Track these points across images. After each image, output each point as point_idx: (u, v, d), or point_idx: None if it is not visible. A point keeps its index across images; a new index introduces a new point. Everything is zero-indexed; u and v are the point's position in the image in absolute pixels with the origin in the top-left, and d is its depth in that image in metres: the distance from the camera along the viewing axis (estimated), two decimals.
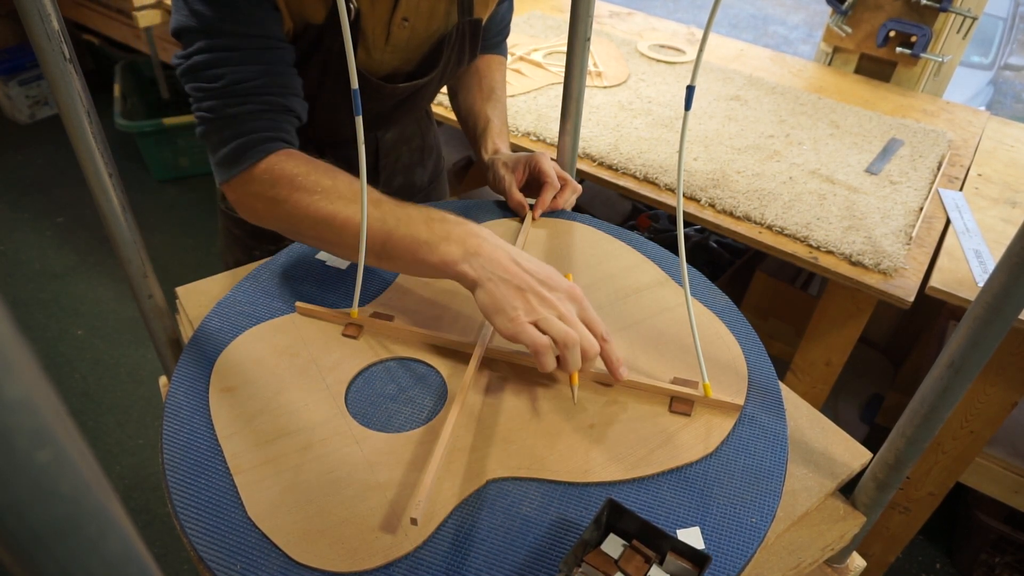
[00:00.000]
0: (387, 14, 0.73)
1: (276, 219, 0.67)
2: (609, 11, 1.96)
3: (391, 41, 0.76)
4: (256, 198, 0.67)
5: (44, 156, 2.78)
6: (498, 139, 0.92)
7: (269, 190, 0.65)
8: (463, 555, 0.50)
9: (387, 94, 0.82)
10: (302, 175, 0.65)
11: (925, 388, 0.52)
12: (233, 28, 0.64)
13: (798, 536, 0.59)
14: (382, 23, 0.74)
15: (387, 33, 0.75)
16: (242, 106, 0.65)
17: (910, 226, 1.13)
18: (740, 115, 1.43)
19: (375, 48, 0.76)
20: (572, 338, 0.55)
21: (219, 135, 0.66)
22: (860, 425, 1.66)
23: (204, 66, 0.64)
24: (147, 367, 1.91)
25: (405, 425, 0.59)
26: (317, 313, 0.69)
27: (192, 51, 0.65)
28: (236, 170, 0.66)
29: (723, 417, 0.61)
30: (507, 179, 0.84)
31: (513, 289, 0.57)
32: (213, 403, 0.60)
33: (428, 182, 1.09)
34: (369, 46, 0.76)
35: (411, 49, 0.79)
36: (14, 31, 2.89)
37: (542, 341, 0.55)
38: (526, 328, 0.55)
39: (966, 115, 1.52)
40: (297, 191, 0.64)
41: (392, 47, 0.77)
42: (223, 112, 0.65)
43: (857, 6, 1.58)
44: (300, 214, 0.65)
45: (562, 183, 0.86)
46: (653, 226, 1.81)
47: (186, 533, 0.50)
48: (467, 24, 0.81)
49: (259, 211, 0.68)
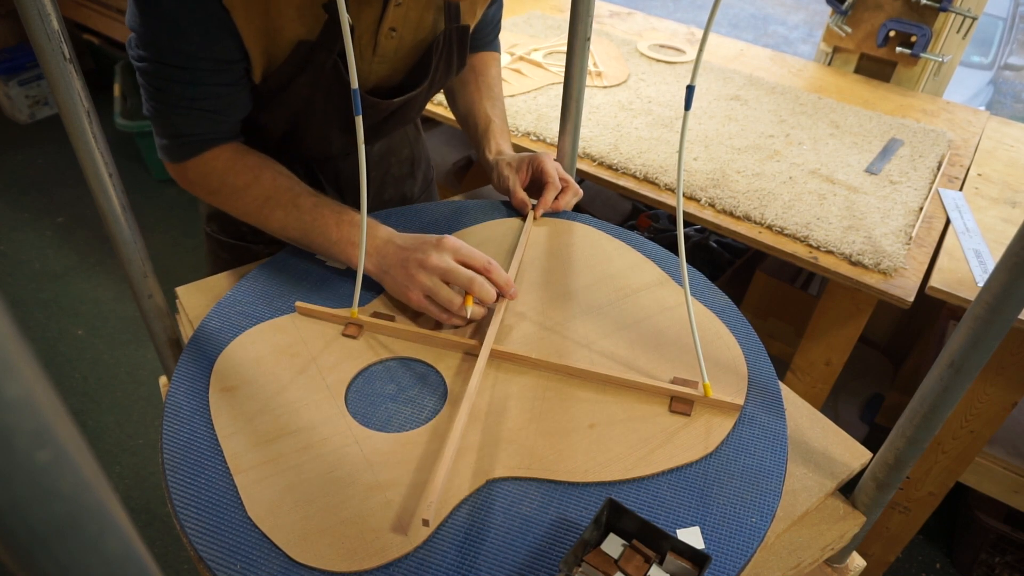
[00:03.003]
0: (374, 25, 0.72)
1: (216, 205, 0.76)
2: (609, 11, 1.96)
3: (378, 52, 0.75)
4: (193, 187, 0.75)
5: (44, 156, 2.78)
6: (500, 139, 0.92)
7: (203, 183, 0.73)
8: (463, 555, 0.50)
9: (378, 108, 0.81)
10: (230, 172, 0.72)
11: (925, 388, 0.52)
12: (178, 46, 0.64)
13: (798, 536, 0.59)
14: (369, 33, 0.73)
15: (374, 43, 0.74)
16: (179, 114, 0.69)
17: (910, 226, 1.13)
18: (740, 115, 1.43)
19: (362, 59, 0.75)
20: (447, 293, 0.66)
21: (160, 127, 0.71)
22: (860, 425, 1.66)
23: (147, 74, 0.66)
24: (147, 367, 1.91)
25: (405, 425, 0.59)
26: (317, 313, 0.69)
27: (138, 56, 0.66)
28: (173, 161, 0.73)
29: (723, 417, 0.61)
30: (511, 179, 0.86)
31: (400, 270, 0.68)
32: (213, 403, 0.60)
33: (419, 194, 1.09)
34: (356, 57, 0.75)
35: (399, 59, 0.78)
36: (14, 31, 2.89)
37: (427, 307, 0.67)
38: (416, 300, 0.67)
39: (966, 115, 1.52)
40: (224, 188, 0.72)
41: (380, 57, 0.76)
42: (163, 113, 0.69)
43: (857, 6, 1.58)
44: (230, 207, 0.74)
45: (563, 184, 0.87)
46: (653, 226, 1.81)
47: (186, 533, 0.50)
48: (454, 31, 0.80)
49: (200, 196, 0.77)
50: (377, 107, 0.79)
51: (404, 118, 0.88)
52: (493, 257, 0.69)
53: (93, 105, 0.62)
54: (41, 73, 1.41)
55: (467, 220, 0.85)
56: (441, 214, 0.86)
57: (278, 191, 0.72)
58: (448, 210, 0.86)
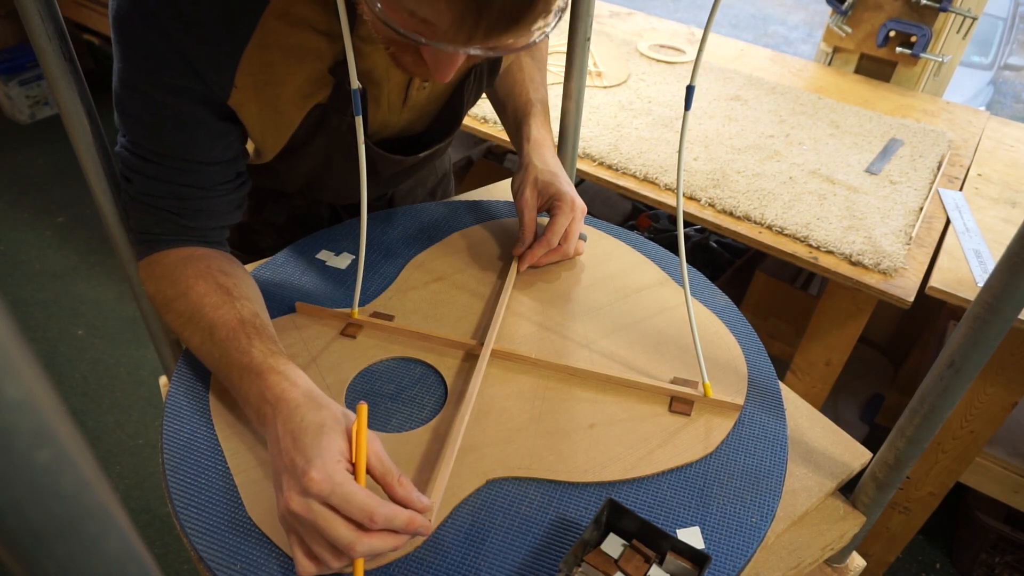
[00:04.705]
0: (405, 80, 0.67)
1: None
2: (609, 11, 1.96)
3: (409, 104, 0.70)
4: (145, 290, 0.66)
5: (44, 156, 2.78)
6: (540, 127, 0.81)
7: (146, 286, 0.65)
8: (463, 555, 0.50)
9: (405, 163, 0.76)
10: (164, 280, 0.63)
11: (925, 388, 0.52)
12: (154, 146, 0.60)
13: (798, 536, 0.59)
14: (399, 89, 0.68)
15: (404, 96, 0.69)
16: (142, 208, 0.63)
17: (910, 226, 1.13)
18: (740, 115, 1.43)
19: (392, 112, 0.70)
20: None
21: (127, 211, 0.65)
22: (860, 425, 1.66)
23: (122, 161, 0.62)
24: (147, 367, 1.91)
25: (405, 425, 0.59)
26: (317, 313, 0.69)
27: (119, 138, 0.62)
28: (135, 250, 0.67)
29: (723, 417, 0.61)
30: (529, 201, 0.76)
31: (283, 475, 0.48)
32: (213, 403, 0.60)
33: None
34: (385, 112, 0.70)
35: (429, 104, 0.74)
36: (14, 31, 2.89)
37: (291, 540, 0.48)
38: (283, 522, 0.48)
39: (966, 115, 1.52)
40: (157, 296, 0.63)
41: (409, 108, 0.71)
42: (129, 201, 0.64)
43: (857, 6, 1.58)
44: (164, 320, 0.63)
45: (561, 243, 0.76)
46: (653, 226, 1.81)
47: (186, 533, 0.50)
48: (485, 63, 0.73)
49: None
50: (401, 162, 0.75)
51: (434, 157, 0.82)
52: (491, 257, 0.67)
53: (93, 105, 0.62)
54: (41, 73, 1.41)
55: (467, 220, 0.85)
56: (441, 214, 0.86)
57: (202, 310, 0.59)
58: (448, 210, 0.86)
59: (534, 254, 0.75)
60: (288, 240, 0.80)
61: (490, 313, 0.70)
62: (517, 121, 0.83)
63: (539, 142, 0.80)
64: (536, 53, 0.87)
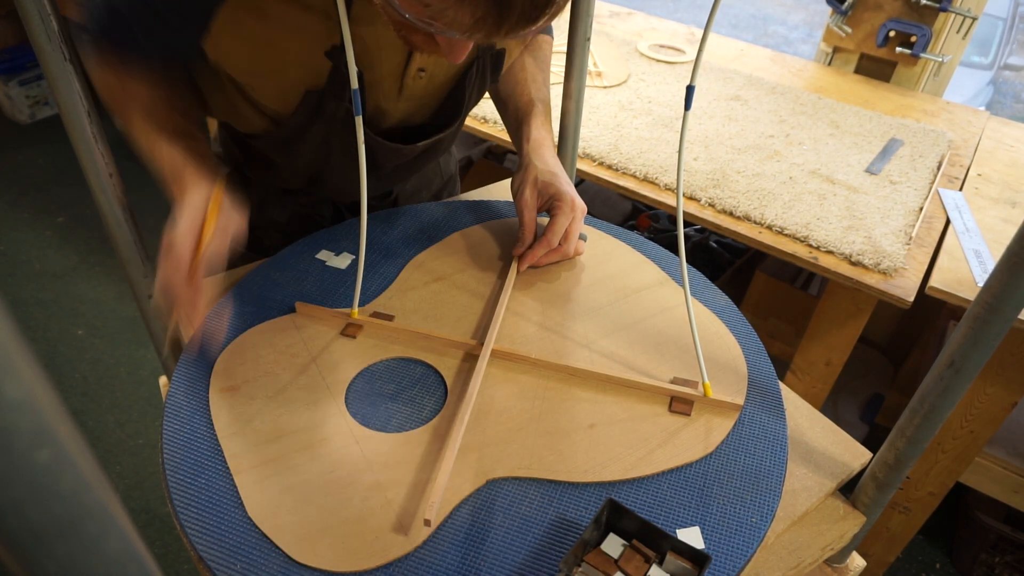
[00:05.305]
0: (399, 68, 0.67)
1: None
2: (609, 11, 1.96)
3: (405, 93, 0.70)
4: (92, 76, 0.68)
5: (44, 156, 2.78)
6: (540, 127, 0.81)
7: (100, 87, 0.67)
8: (463, 555, 0.50)
9: (402, 153, 0.75)
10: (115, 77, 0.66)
11: (925, 388, 0.52)
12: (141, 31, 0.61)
13: (798, 536, 0.59)
14: (392, 77, 0.67)
15: (400, 86, 0.68)
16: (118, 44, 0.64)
17: (910, 226, 1.13)
18: (740, 115, 1.43)
19: (387, 100, 0.70)
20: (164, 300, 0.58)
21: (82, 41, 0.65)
22: (860, 425, 1.66)
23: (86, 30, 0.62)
24: (147, 367, 1.91)
25: (405, 425, 0.59)
26: (317, 313, 0.69)
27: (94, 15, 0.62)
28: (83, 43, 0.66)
29: (723, 417, 0.61)
30: (529, 201, 0.76)
31: None
32: (213, 403, 0.60)
33: None
34: (379, 100, 0.70)
35: (429, 95, 0.73)
36: (14, 31, 2.89)
37: None
38: None
39: (966, 115, 1.52)
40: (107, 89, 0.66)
41: (406, 98, 0.71)
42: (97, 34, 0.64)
43: (857, 6, 1.58)
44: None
45: (561, 244, 0.76)
46: (653, 226, 1.81)
47: (186, 533, 0.50)
48: (488, 57, 0.73)
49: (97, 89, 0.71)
50: (401, 152, 0.74)
51: (437, 151, 0.81)
52: (491, 257, 0.67)
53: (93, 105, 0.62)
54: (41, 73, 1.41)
55: (467, 220, 0.85)
56: (441, 214, 0.86)
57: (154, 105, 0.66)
58: (448, 210, 0.86)
59: (534, 254, 0.75)
60: (292, 239, 0.80)
61: (490, 313, 0.70)
62: (518, 120, 0.83)
63: (539, 142, 0.80)
64: (539, 53, 0.87)
